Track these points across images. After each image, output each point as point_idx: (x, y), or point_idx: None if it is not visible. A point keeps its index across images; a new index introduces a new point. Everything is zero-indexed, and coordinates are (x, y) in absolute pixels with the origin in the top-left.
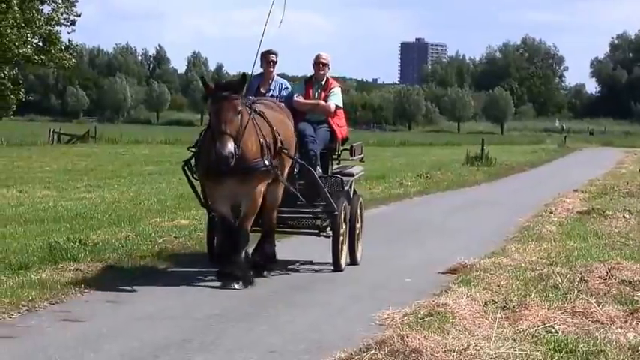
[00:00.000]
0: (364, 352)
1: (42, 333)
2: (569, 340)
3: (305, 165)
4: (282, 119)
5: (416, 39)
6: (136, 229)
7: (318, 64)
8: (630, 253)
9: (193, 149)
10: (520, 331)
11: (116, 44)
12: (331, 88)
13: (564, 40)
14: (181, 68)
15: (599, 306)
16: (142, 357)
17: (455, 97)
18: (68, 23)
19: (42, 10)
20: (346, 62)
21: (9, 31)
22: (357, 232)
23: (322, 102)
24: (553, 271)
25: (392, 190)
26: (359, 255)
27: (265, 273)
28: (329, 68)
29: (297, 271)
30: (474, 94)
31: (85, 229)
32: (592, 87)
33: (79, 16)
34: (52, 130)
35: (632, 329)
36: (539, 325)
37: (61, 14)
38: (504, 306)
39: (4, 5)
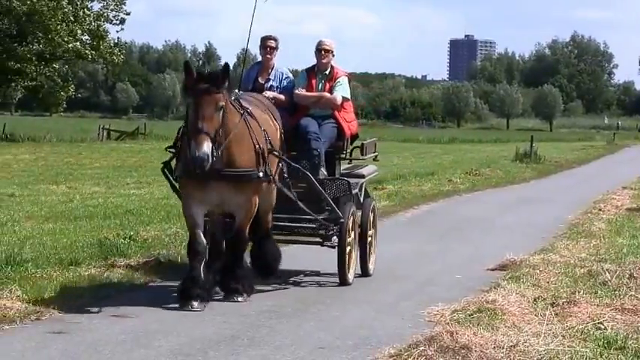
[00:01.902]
0: (413, 348)
1: (92, 329)
2: (618, 337)
3: (300, 168)
4: (264, 117)
5: (465, 36)
6: (186, 226)
7: (321, 50)
8: None
9: (172, 149)
10: (569, 328)
11: (166, 41)
12: (337, 78)
13: (613, 37)
14: (231, 65)
15: None
16: (192, 353)
17: (504, 93)
18: (117, 21)
19: (91, 6)
20: (395, 59)
21: (58, 27)
22: (369, 240)
23: (327, 94)
24: (602, 268)
25: (441, 187)
26: (371, 266)
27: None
28: (333, 56)
29: None
30: (523, 90)
31: (135, 226)
32: None
33: (129, 14)
34: (101, 126)
35: None
36: (589, 322)
37: (111, 11)
38: (553, 303)
39: (53, 2)
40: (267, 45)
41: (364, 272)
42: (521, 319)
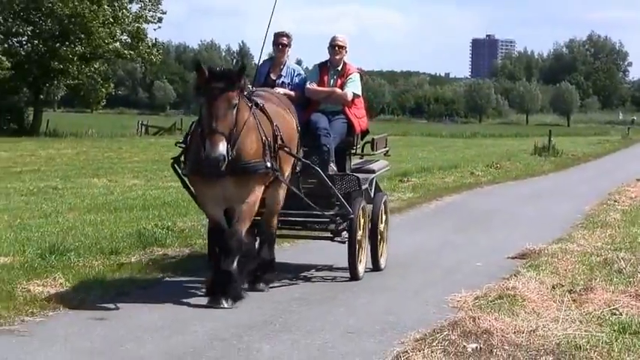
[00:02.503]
0: (438, 333)
1: (131, 316)
2: (633, 322)
3: (309, 164)
4: (282, 113)
5: (486, 35)
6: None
7: (334, 46)
8: None
9: (182, 145)
10: (586, 314)
11: (201, 41)
12: (349, 75)
13: (628, 36)
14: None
15: None
16: (227, 338)
17: (523, 90)
18: (155, 20)
19: (130, 8)
20: (419, 57)
21: (99, 28)
22: (380, 235)
23: (338, 90)
24: (617, 257)
25: (463, 179)
26: (383, 260)
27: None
28: (346, 52)
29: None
30: (542, 87)
31: (172, 217)
32: None
33: (165, 13)
34: (140, 122)
35: None
36: (604, 308)
37: (148, 12)
38: (571, 290)
39: (94, 4)
40: (280, 42)
41: (375, 267)
42: (540, 305)
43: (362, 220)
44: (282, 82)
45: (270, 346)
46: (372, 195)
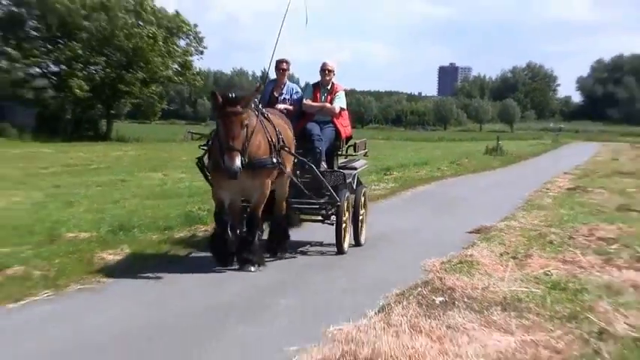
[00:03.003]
0: (413, 289)
1: (180, 279)
2: (561, 281)
3: (305, 162)
4: (283, 125)
5: (449, 63)
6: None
7: (324, 70)
8: (605, 218)
9: (204, 147)
10: (526, 275)
11: (233, 68)
12: (336, 92)
13: (557, 65)
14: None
15: (583, 256)
16: (251, 295)
17: (477, 105)
18: (198, 53)
19: (179, 43)
20: (399, 80)
21: (155, 59)
22: (361, 217)
23: (328, 104)
24: (549, 231)
25: (432, 173)
26: (363, 238)
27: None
28: (334, 74)
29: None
30: (492, 103)
31: (211, 201)
32: (577, 98)
33: (206, 48)
34: (186, 130)
35: (606, 273)
36: (540, 270)
37: (193, 47)
38: (514, 256)
39: (152, 40)
40: (281, 67)
41: (357, 243)
42: (491, 268)
43: (346, 207)
44: (284, 98)
45: (285, 301)
46: (355, 187)
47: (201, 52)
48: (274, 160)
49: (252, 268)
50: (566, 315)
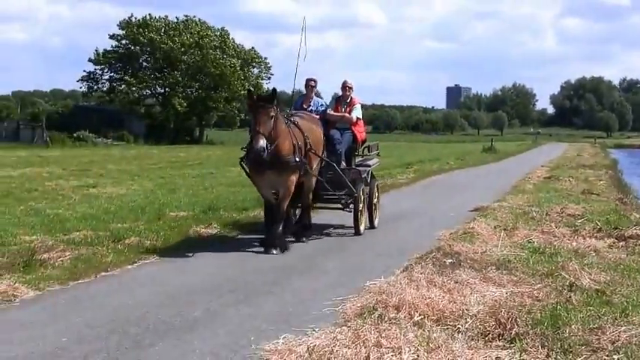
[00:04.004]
0: (429, 254)
1: (251, 246)
2: (541, 247)
3: (329, 161)
4: (312, 127)
5: (454, 84)
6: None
7: (345, 87)
8: (573, 200)
9: (245, 149)
10: (514, 243)
11: (292, 90)
12: (354, 105)
13: (536, 85)
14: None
15: (556, 228)
16: (306, 259)
17: (476, 116)
18: (267, 78)
19: (253, 71)
20: (416, 97)
21: (235, 82)
22: (374, 206)
23: (347, 115)
24: (531, 210)
25: (442, 166)
26: (376, 222)
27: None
28: (352, 90)
29: (388, 209)
30: (486, 114)
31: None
32: (550, 110)
33: (273, 74)
34: None
35: (574, 241)
36: (524, 239)
37: (263, 73)
38: (505, 228)
39: (233, 69)
40: (309, 84)
41: (371, 225)
42: (487, 237)
43: (362, 197)
44: (311, 110)
45: (332, 263)
46: (369, 181)
47: (269, 77)
48: (296, 160)
49: (275, 251)
50: (544, 272)
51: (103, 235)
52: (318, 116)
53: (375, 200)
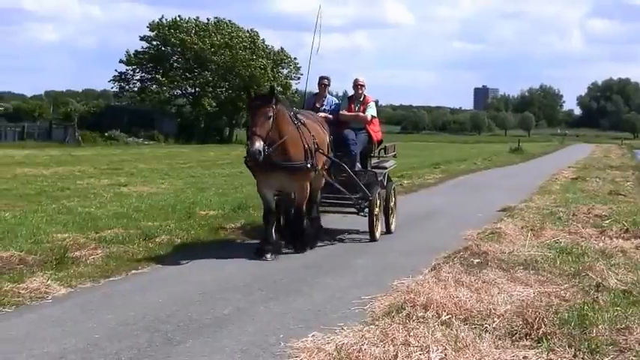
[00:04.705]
0: (456, 253)
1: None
2: (567, 247)
3: (337, 162)
4: (317, 128)
5: (482, 85)
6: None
7: (357, 85)
8: (599, 200)
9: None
10: (541, 243)
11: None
12: (368, 103)
13: (563, 85)
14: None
15: (583, 229)
16: (336, 257)
17: (503, 116)
18: (296, 78)
19: (282, 71)
20: (444, 97)
21: (265, 83)
22: (391, 210)
23: (361, 114)
24: (558, 210)
25: (470, 166)
26: (393, 226)
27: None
28: (365, 88)
29: (416, 209)
30: (514, 115)
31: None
32: (577, 111)
33: (302, 74)
34: None
35: (601, 241)
36: (551, 239)
37: (292, 74)
38: (532, 228)
39: (262, 70)
40: (322, 83)
41: (387, 230)
42: (514, 237)
43: (378, 201)
44: (324, 109)
45: (361, 261)
46: (385, 183)
47: (299, 78)
48: (309, 165)
49: (300, 252)
50: (571, 273)
51: (133, 234)
52: (332, 115)
53: (392, 204)
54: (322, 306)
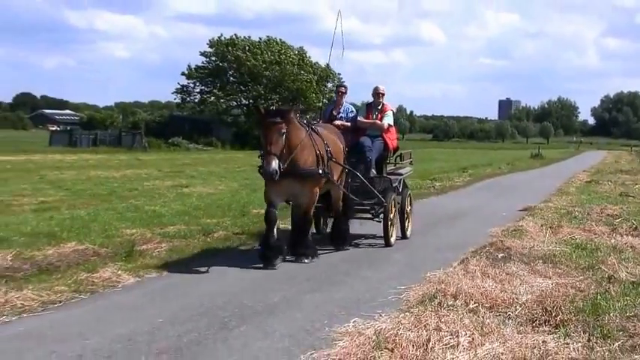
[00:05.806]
0: (483, 248)
1: (324, 240)
2: (582, 243)
3: (353, 170)
4: (333, 138)
5: (506, 98)
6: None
7: (377, 94)
8: (611, 201)
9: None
10: (558, 239)
11: (362, 101)
12: (386, 111)
13: (579, 98)
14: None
15: (597, 227)
16: (373, 252)
17: (524, 126)
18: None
19: (327, 84)
20: (472, 108)
21: (311, 95)
22: (406, 215)
23: (378, 122)
24: (574, 210)
25: (495, 170)
26: (408, 232)
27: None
28: (384, 96)
29: (446, 209)
30: (534, 124)
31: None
32: (591, 121)
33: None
34: None
35: (613, 238)
36: (568, 236)
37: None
38: (550, 226)
39: (309, 84)
40: (340, 91)
41: (403, 236)
42: (535, 234)
43: (393, 207)
44: (341, 116)
45: (397, 255)
46: (400, 190)
47: None
48: (320, 172)
49: (306, 260)
50: (586, 266)
51: (194, 229)
52: (349, 123)
53: (408, 210)
54: (362, 295)
